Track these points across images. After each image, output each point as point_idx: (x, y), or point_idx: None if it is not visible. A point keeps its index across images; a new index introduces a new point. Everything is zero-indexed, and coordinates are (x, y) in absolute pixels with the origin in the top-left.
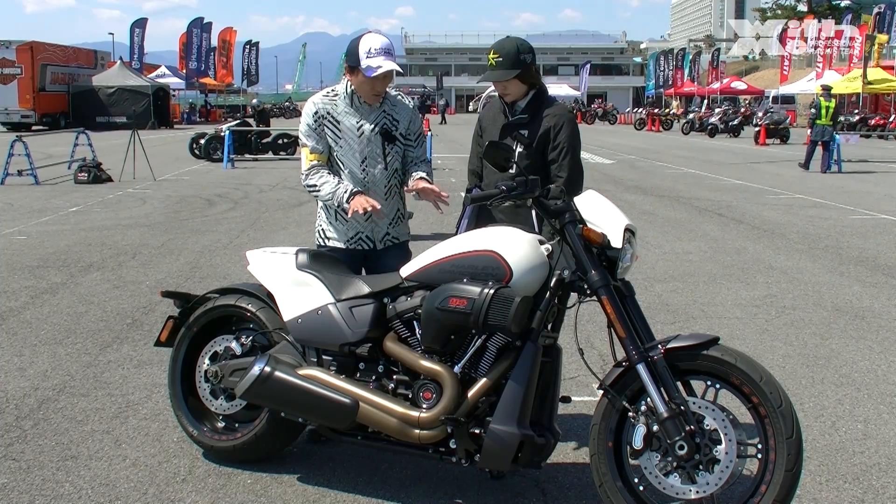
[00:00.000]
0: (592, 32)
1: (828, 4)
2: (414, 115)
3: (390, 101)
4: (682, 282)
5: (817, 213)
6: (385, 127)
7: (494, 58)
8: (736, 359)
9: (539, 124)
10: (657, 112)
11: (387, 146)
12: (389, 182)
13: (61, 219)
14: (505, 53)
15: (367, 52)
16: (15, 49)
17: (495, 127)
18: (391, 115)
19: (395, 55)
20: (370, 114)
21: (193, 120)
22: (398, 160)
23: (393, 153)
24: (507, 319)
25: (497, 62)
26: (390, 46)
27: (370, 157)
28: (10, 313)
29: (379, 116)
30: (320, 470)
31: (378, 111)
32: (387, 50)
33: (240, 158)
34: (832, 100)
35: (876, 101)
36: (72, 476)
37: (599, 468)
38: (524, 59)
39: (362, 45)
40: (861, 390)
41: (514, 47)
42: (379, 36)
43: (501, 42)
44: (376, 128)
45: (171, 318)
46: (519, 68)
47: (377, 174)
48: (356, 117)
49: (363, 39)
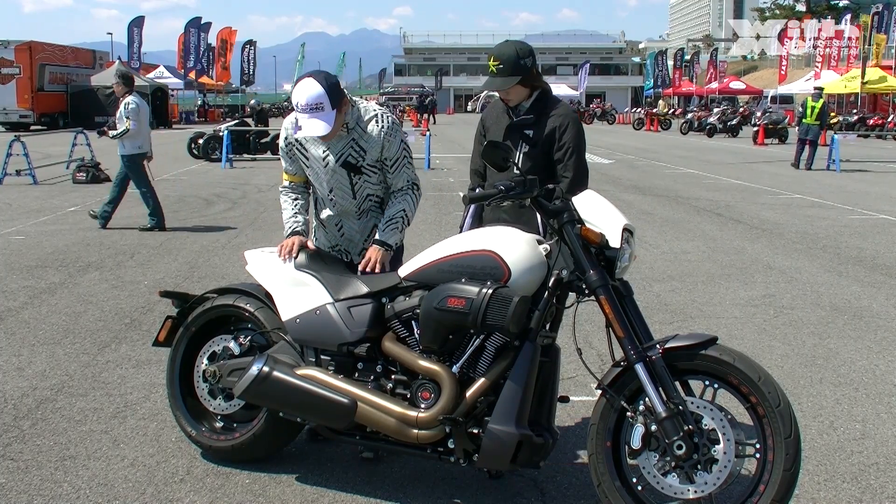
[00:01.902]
0: (591, 32)
1: (826, 4)
2: (387, 141)
3: (360, 128)
4: (681, 281)
5: (815, 212)
6: (349, 159)
7: (495, 65)
8: (734, 358)
9: (544, 125)
10: (655, 112)
11: (353, 177)
12: (362, 206)
13: (59, 219)
14: (505, 59)
15: (295, 105)
16: (13, 49)
17: (499, 127)
18: (358, 145)
19: (329, 106)
20: (337, 143)
21: (192, 120)
22: (370, 187)
23: (362, 183)
24: (506, 319)
25: (498, 69)
26: (319, 100)
27: (336, 188)
28: (9, 313)
29: (345, 147)
30: (318, 470)
31: (346, 140)
32: (314, 107)
33: (238, 158)
34: (819, 100)
35: (874, 101)
36: (70, 476)
37: (598, 468)
38: (524, 64)
39: (293, 95)
40: (859, 390)
41: (513, 53)
42: (308, 87)
43: (501, 48)
44: (339, 160)
45: (170, 318)
46: (520, 74)
47: (345, 204)
48: (323, 147)
49: (296, 88)
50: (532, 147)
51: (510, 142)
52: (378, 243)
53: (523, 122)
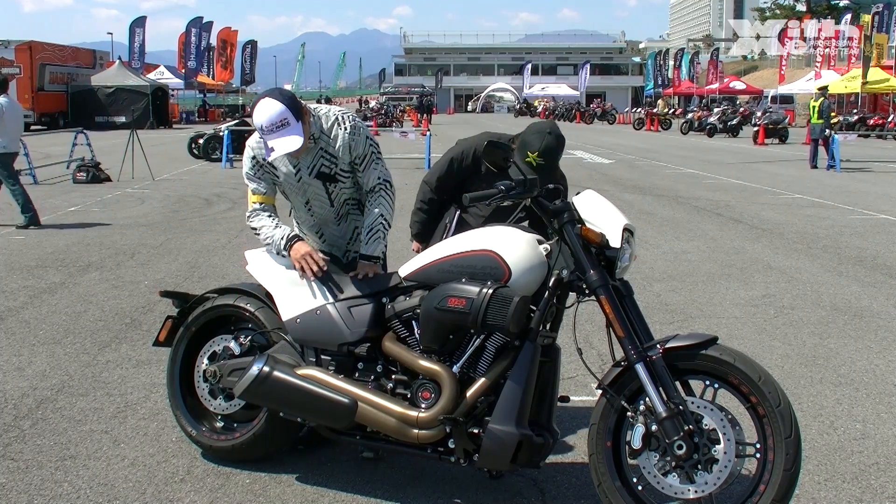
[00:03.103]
0: (591, 32)
1: (826, 4)
2: (353, 141)
3: (326, 136)
4: (681, 281)
5: (816, 212)
6: (322, 169)
7: (538, 160)
8: (734, 358)
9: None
10: (656, 112)
11: (329, 186)
12: (340, 212)
13: (60, 218)
14: (549, 158)
15: (259, 128)
16: (14, 49)
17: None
18: (327, 153)
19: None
20: (306, 156)
21: (192, 120)
22: (347, 191)
23: (338, 190)
24: (506, 319)
25: (539, 166)
26: (282, 115)
27: (313, 199)
28: (9, 313)
29: (315, 158)
30: (319, 470)
31: (314, 151)
32: (279, 124)
33: (238, 158)
34: (819, 99)
35: (874, 101)
36: (70, 476)
37: (598, 468)
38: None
39: (255, 119)
40: (859, 390)
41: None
42: (267, 106)
43: (549, 143)
44: (312, 171)
45: (170, 318)
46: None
47: (324, 213)
48: (292, 162)
49: (256, 110)
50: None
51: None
52: (364, 258)
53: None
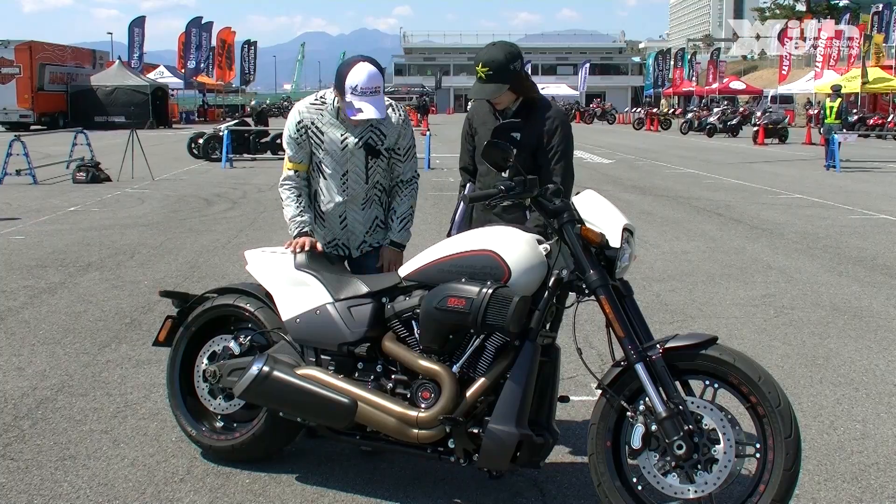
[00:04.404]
0: (591, 32)
1: (826, 4)
2: (403, 130)
3: None
4: (681, 281)
5: (816, 212)
6: (370, 142)
7: (484, 71)
8: (734, 358)
9: (532, 127)
10: (656, 112)
11: (370, 160)
12: (368, 194)
13: (59, 218)
14: (495, 66)
15: (352, 87)
16: (13, 48)
17: (487, 129)
18: (378, 129)
19: (382, 89)
20: (356, 127)
21: (192, 119)
22: (380, 173)
23: (376, 167)
24: (506, 319)
25: (487, 75)
26: (377, 82)
27: (352, 171)
28: (9, 313)
29: (365, 130)
30: (319, 469)
31: (365, 124)
32: (373, 89)
33: (238, 158)
34: (837, 99)
35: (874, 101)
36: (70, 475)
37: (598, 468)
38: (514, 69)
39: (350, 78)
40: (859, 390)
41: (503, 58)
42: (367, 68)
43: (490, 52)
44: (360, 142)
45: (170, 318)
46: (509, 81)
47: (357, 188)
48: (341, 129)
49: (353, 70)
50: (519, 151)
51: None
52: (395, 245)
53: (510, 126)
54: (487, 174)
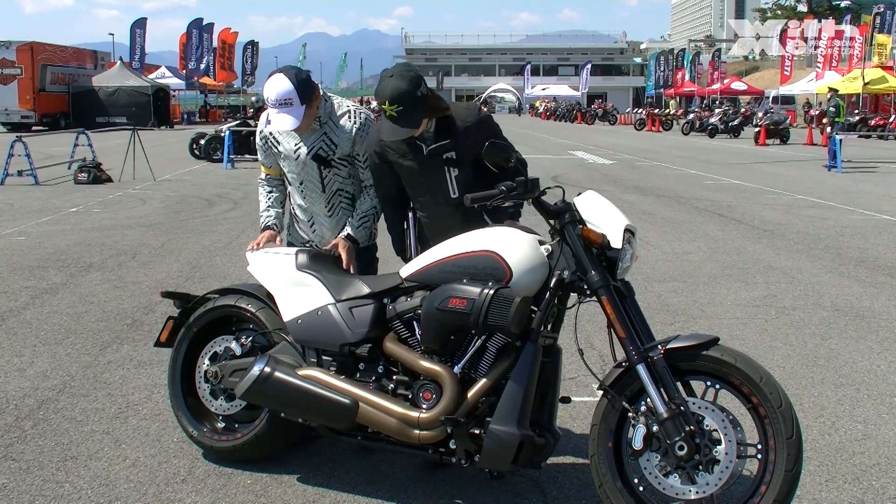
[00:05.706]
0: (592, 32)
1: (828, 5)
2: (359, 137)
3: (333, 122)
4: (682, 282)
5: (817, 213)
6: (320, 152)
7: (394, 108)
8: (736, 359)
9: (462, 140)
10: (657, 112)
11: (323, 170)
12: (332, 202)
13: (61, 219)
14: (405, 100)
15: (266, 99)
16: (15, 49)
17: (412, 157)
18: (329, 139)
19: (297, 101)
20: (309, 136)
21: (193, 120)
22: (341, 180)
23: (332, 176)
24: (507, 320)
25: (399, 112)
26: (287, 95)
27: (307, 180)
28: (10, 313)
29: (317, 140)
30: (320, 470)
31: (318, 134)
32: (283, 101)
33: (240, 159)
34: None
35: (876, 102)
36: (71, 476)
37: (599, 468)
38: (422, 95)
39: (264, 90)
40: (861, 390)
41: (409, 87)
42: (277, 81)
43: (393, 85)
44: (311, 152)
45: (171, 319)
46: (424, 112)
47: (315, 196)
48: (295, 139)
49: (267, 82)
50: (460, 169)
51: (433, 173)
52: (350, 240)
53: (440, 150)
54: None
